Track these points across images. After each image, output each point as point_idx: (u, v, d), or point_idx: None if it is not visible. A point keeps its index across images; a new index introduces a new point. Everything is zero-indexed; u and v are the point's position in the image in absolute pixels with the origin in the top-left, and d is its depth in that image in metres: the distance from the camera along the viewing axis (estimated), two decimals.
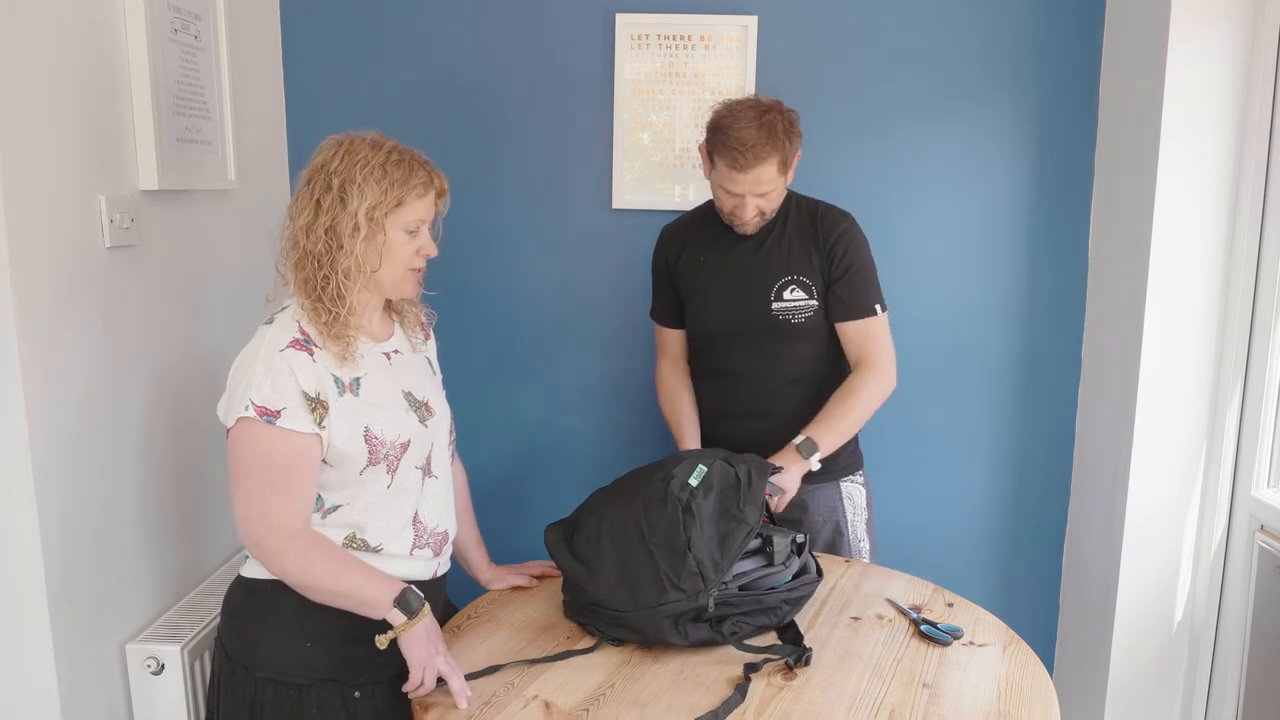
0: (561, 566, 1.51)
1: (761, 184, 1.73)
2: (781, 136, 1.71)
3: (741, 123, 1.70)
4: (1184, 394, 2.05)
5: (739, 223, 1.81)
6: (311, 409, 1.32)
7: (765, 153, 1.69)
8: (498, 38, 2.27)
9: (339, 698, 1.39)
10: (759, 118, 1.70)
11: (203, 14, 1.85)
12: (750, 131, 1.69)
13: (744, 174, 1.71)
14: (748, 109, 1.72)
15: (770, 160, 1.70)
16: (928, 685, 1.36)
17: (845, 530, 1.92)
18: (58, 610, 1.48)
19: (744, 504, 1.49)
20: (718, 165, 1.75)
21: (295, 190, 1.38)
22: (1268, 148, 1.94)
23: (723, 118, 1.73)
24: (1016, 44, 2.23)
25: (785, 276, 1.84)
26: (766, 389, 1.88)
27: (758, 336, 1.86)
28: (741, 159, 1.69)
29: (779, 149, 1.71)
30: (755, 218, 1.79)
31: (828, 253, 1.83)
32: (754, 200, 1.76)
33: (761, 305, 1.84)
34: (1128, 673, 2.15)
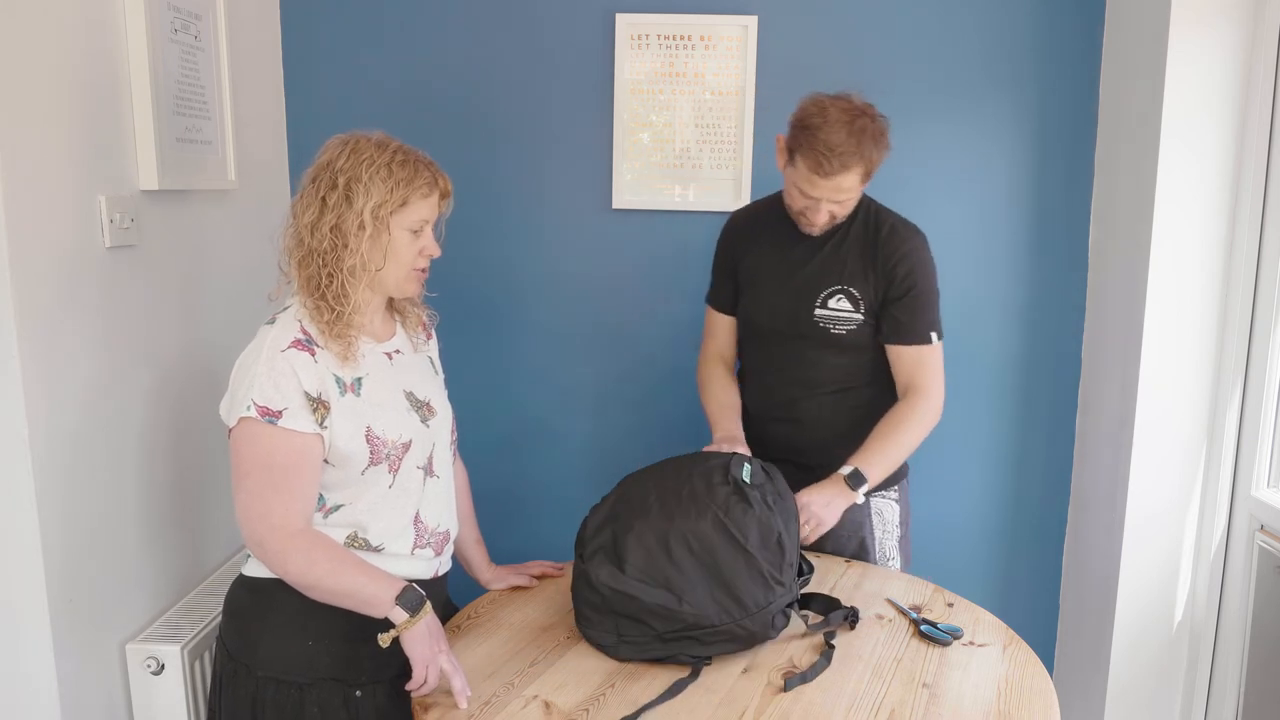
0: (643, 601, 1.37)
1: (841, 192, 1.65)
2: (870, 145, 1.62)
3: (832, 126, 1.60)
4: (1184, 394, 2.05)
5: (806, 224, 1.75)
6: (313, 409, 1.32)
7: (851, 161, 1.61)
8: (498, 38, 2.27)
9: (340, 697, 1.40)
10: (851, 122, 1.60)
11: (203, 14, 1.85)
12: (840, 136, 1.59)
13: (825, 180, 1.63)
14: (841, 111, 1.62)
15: (855, 169, 1.62)
16: (928, 685, 1.36)
17: (871, 547, 1.86)
18: (58, 610, 1.48)
19: (782, 491, 1.51)
20: (798, 164, 1.65)
21: (299, 188, 1.38)
22: (1268, 148, 1.94)
23: (812, 116, 1.63)
24: (1016, 44, 2.23)
25: (835, 285, 1.77)
26: (800, 394, 1.83)
27: (796, 340, 1.81)
28: (826, 164, 1.60)
29: (865, 158, 1.62)
30: (826, 221, 1.72)
31: (889, 271, 1.75)
32: (829, 205, 1.68)
33: (805, 310, 1.78)
34: (1128, 673, 2.15)
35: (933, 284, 1.79)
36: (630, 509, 1.45)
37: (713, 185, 2.29)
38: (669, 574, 1.38)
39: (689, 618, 1.36)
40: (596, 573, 1.40)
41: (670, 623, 1.37)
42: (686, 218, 2.32)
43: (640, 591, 1.37)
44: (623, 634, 1.40)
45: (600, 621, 1.42)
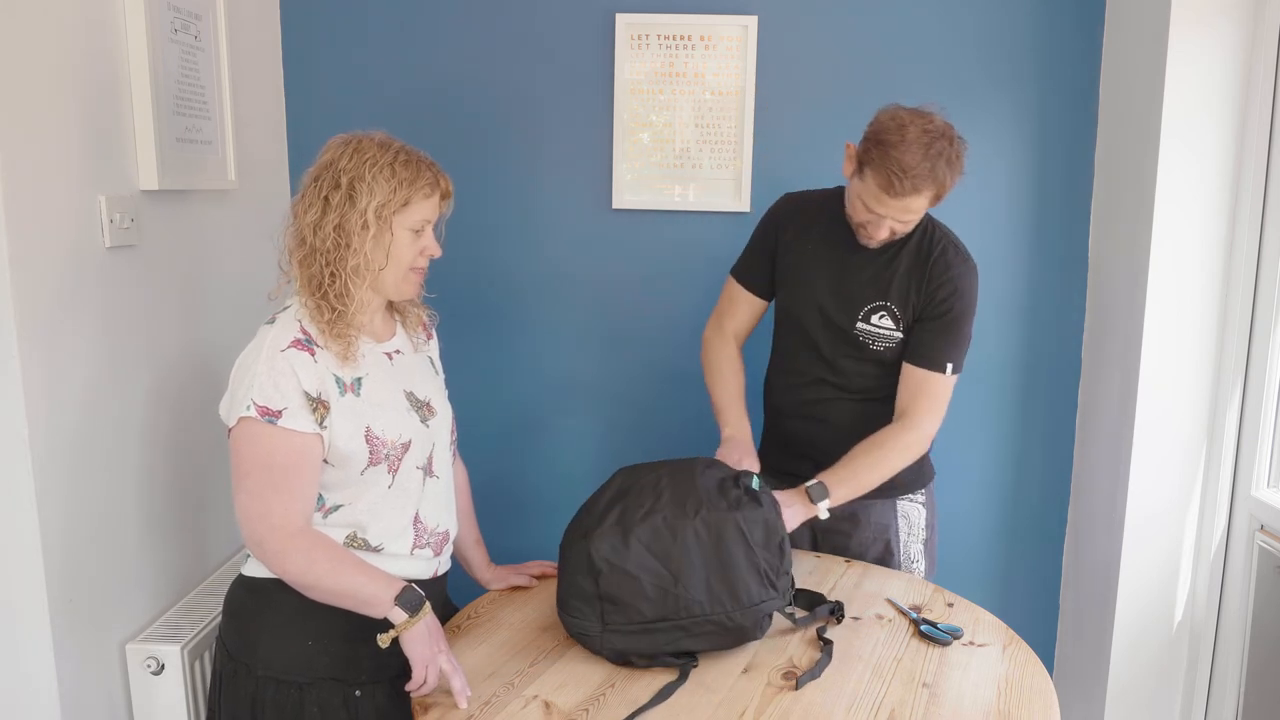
0: (639, 581, 1.37)
1: (909, 212, 1.61)
2: (944, 171, 1.56)
3: (909, 146, 1.54)
4: (1184, 394, 2.05)
5: (865, 237, 1.69)
6: (313, 409, 1.32)
7: (923, 185, 1.55)
8: (498, 38, 2.27)
9: (340, 697, 1.40)
10: (929, 145, 1.54)
11: (203, 14, 1.85)
12: (915, 158, 1.53)
13: (894, 200, 1.57)
14: (919, 131, 1.55)
15: (925, 193, 1.57)
16: (928, 685, 1.36)
17: (895, 550, 1.85)
18: (58, 610, 1.48)
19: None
20: (867, 179, 1.59)
21: (300, 187, 1.38)
22: (1268, 148, 1.94)
23: (889, 132, 1.56)
24: (1016, 44, 2.23)
25: (880, 301, 1.74)
26: (830, 396, 1.81)
27: (835, 346, 1.78)
28: (897, 185, 1.55)
29: (938, 183, 1.57)
30: (885, 237, 1.68)
31: (931, 292, 1.71)
32: (892, 223, 1.63)
33: (847, 321, 1.76)
34: (1128, 673, 2.15)
35: (968, 317, 1.74)
36: (641, 492, 1.45)
37: (713, 185, 2.29)
38: (672, 553, 1.38)
39: (681, 602, 1.36)
40: (598, 545, 1.38)
41: (660, 607, 1.36)
42: (686, 218, 2.32)
43: (638, 569, 1.37)
44: (608, 622, 1.38)
45: (585, 610, 1.39)
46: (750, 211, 2.27)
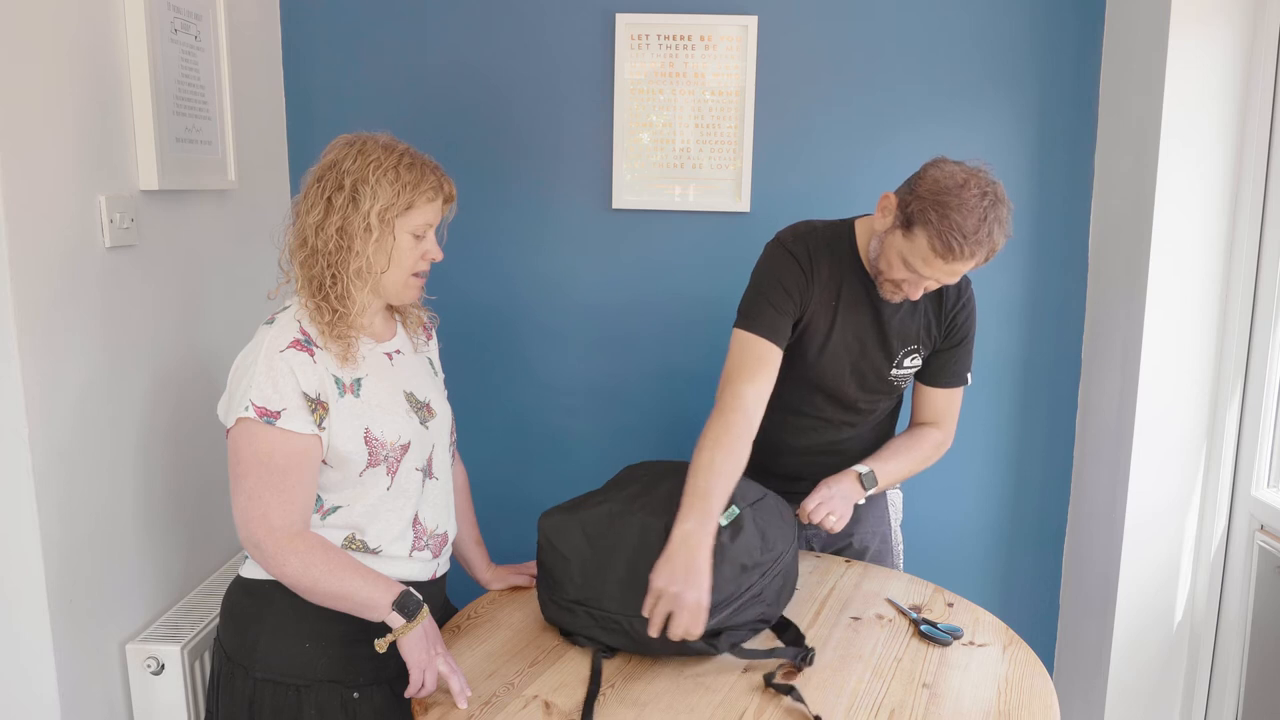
0: (561, 551, 1.43)
1: (955, 276, 1.53)
2: (1000, 235, 1.49)
3: (970, 208, 1.45)
4: (1184, 394, 2.05)
5: (893, 293, 1.60)
6: (312, 410, 1.32)
7: (979, 251, 1.47)
8: (497, 38, 2.27)
9: (338, 699, 1.39)
10: (990, 210, 1.46)
11: (203, 14, 1.85)
12: (975, 222, 1.45)
13: (946, 264, 1.48)
14: (979, 195, 1.46)
15: (979, 258, 1.49)
16: (928, 685, 1.36)
17: (889, 537, 1.90)
18: (57, 610, 1.48)
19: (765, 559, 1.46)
20: (916, 239, 1.49)
21: (303, 187, 1.37)
22: (1268, 148, 1.94)
23: (948, 192, 1.46)
24: (1016, 44, 2.23)
25: (912, 344, 1.72)
26: (845, 435, 1.80)
27: (866, 395, 1.75)
28: (957, 249, 1.45)
29: (991, 251, 1.50)
30: (918, 296, 1.59)
31: (950, 321, 1.71)
32: (929, 284, 1.56)
33: (883, 370, 1.72)
34: (1128, 673, 2.15)
35: (974, 328, 1.78)
36: (626, 483, 1.54)
37: (713, 185, 2.29)
38: (603, 543, 1.42)
39: (595, 592, 1.41)
40: (546, 521, 1.48)
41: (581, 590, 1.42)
42: (686, 218, 2.32)
43: (570, 551, 1.44)
44: (546, 590, 1.49)
45: (539, 576, 1.51)
46: (750, 211, 2.27)
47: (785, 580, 1.52)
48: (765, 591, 1.45)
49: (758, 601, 1.44)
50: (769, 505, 1.56)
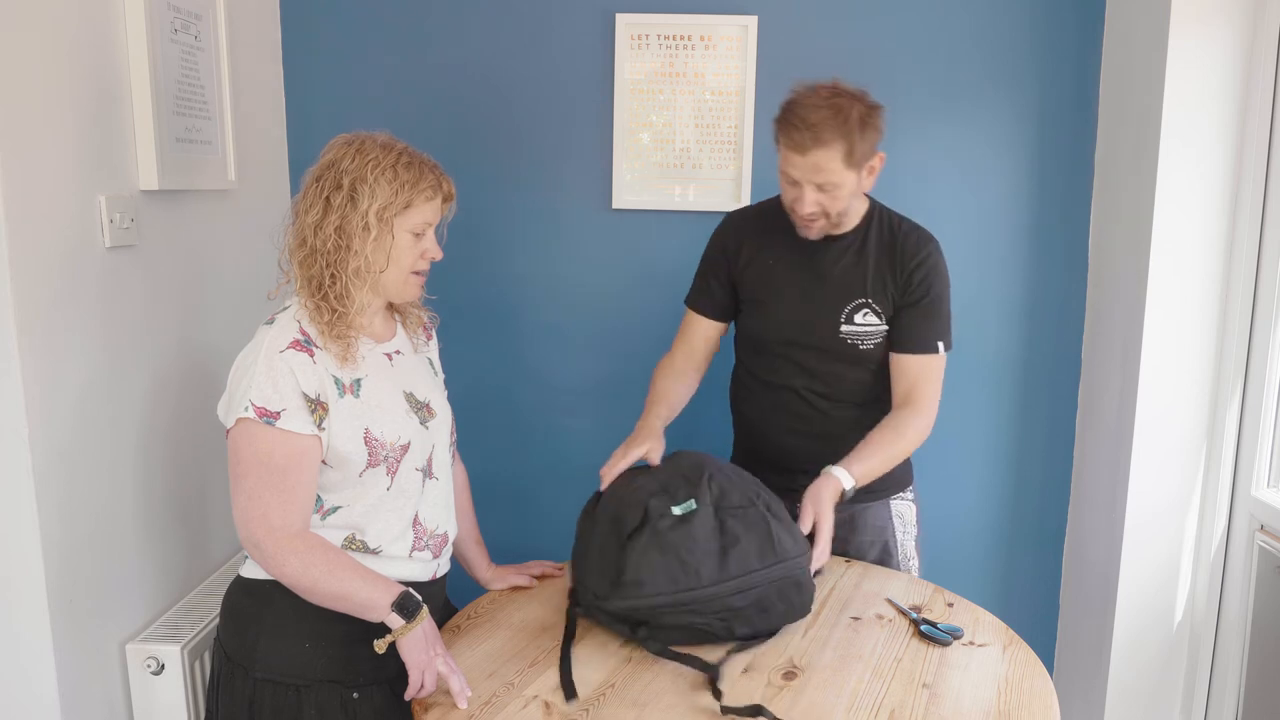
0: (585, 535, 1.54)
1: (821, 172, 1.56)
2: (853, 123, 1.54)
3: (810, 100, 1.55)
4: (1184, 394, 2.05)
5: (799, 220, 1.66)
6: (311, 410, 1.32)
7: (827, 136, 1.53)
8: (498, 38, 2.27)
9: (338, 699, 1.39)
10: (830, 98, 1.54)
11: (203, 14, 1.85)
12: (818, 112, 1.53)
13: (801, 157, 1.55)
14: (821, 89, 1.57)
15: (833, 146, 1.54)
16: (928, 685, 1.36)
17: (894, 550, 1.84)
18: (58, 610, 1.48)
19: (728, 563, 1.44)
20: (780, 147, 1.60)
21: (302, 187, 1.37)
22: (1268, 148, 1.94)
23: (794, 94, 1.58)
24: (1016, 44, 2.23)
25: (860, 299, 1.71)
26: (826, 408, 1.78)
27: (821, 356, 1.75)
28: (799, 138, 1.54)
29: (846, 136, 1.54)
30: (816, 217, 1.63)
31: (905, 277, 1.70)
32: (813, 194, 1.59)
33: (831, 326, 1.72)
34: (1128, 673, 2.15)
35: (946, 293, 1.74)
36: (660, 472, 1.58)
37: (713, 185, 2.29)
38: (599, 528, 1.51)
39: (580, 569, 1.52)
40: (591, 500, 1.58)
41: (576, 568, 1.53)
42: (686, 218, 2.32)
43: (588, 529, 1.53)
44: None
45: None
46: None
47: (761, 607, 1.44)
48: (722, 605, 1.41)
49: (709, 612, 1.41)
50: (759, 522, 1.46)
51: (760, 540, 1.45)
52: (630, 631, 1.42)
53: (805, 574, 1.47)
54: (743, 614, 1.43)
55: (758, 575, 1.42)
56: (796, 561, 1.45)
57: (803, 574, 1.46)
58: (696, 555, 1.41)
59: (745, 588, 1.41)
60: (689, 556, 1.41)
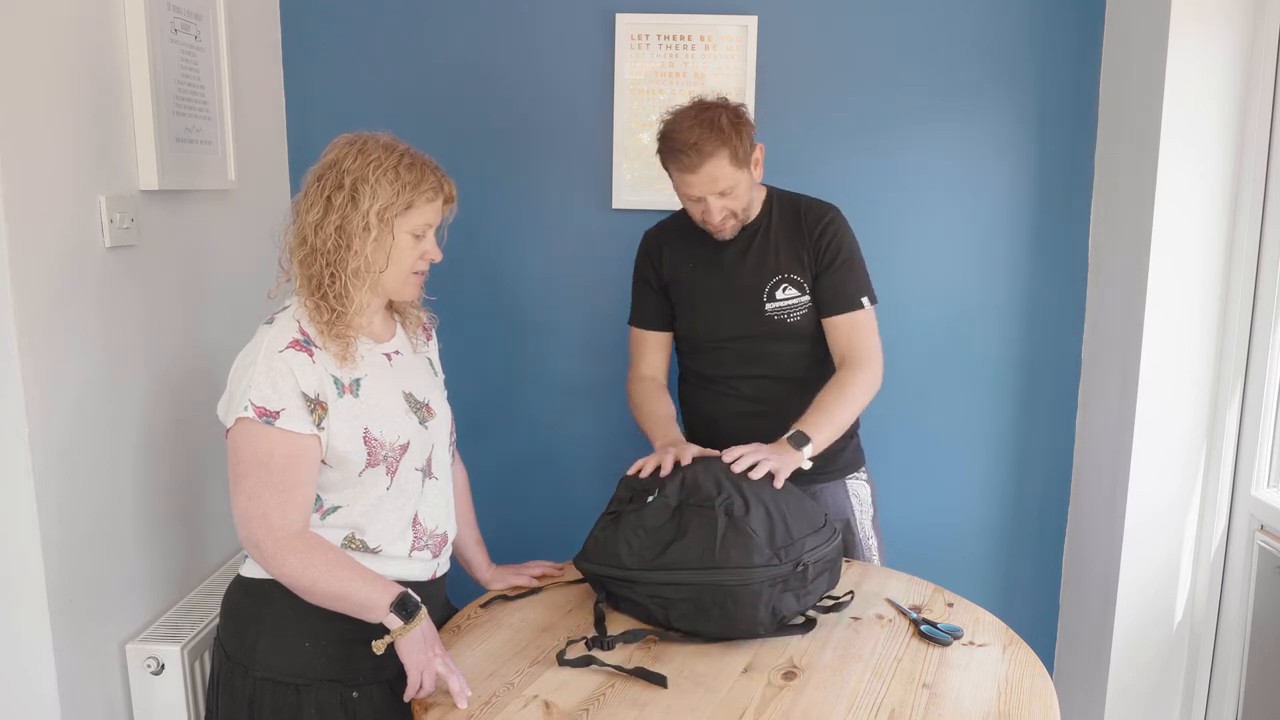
0: None
1: (717, 181, 1.67)
2: (727, 129, 1.64)
3: (681, 123, 1.66)
4: (1184, 394, 2.05)
5: (713, 229, 1.76)
6: (311, 410, 1.32)
7: (710, 148, 1.64)
8: (497, 38, 2.27)
9: (337, 698, 1.39)
10: (698, 115, 1.66)
11: (203, 14, 1.85)
12: (692, 131, 1.64)
13: (695, 175, 1.66)
14: (688, 110, 1.69)
15: (719, 155, 1.64)
16: (928, 685, 1.36)
17: (855, 529, 1.90)
18: (58, 610, 1.48)
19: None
20: (671, 174, 1.71)
21: (303, 186, 1.38)
22: (1268, 148, 1.94)
23: (665, 124, 1.70)
24: (1016, 44, 2.23)
25: (776, 276, 1.80)
26: (762, 389, 1.84)
27: (753, 339, 1.82)
28: (687, 159, 1.65)
29: (726, 142, 1.64)
30: (727, 220, 1.74)
31: (814, 245, 1.79)
32: (718, 202, 1.70)
33: (755, 308, 1.80)
34: (1128, 673, 2.15)
35: (856, 250, 1.82)
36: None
37: None
38: None
39: None
40: None
41: None
42: None
43: None
44: None
45: None
46: None
47: (699, 607, 1.44)
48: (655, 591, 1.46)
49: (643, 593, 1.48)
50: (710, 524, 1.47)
51: (705, 542, 1.46)
52: (598, 591, 1.57)
53: (749, 592, 1.43)
54: (678, 607, 1.46)
55: (689, 574, 1.45)
56: (734, 573, 1.43)
57: (743, 590, 1.42)
58: (641, 538, 1.50)
59: (677, 581, 1.45)
60: (633, 538, 1.51)
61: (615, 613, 1.55)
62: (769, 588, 1.44)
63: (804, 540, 1.50)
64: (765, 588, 1.43)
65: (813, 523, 1.55)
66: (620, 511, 1.56)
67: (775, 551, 1.46)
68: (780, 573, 1.45)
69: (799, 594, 1.48)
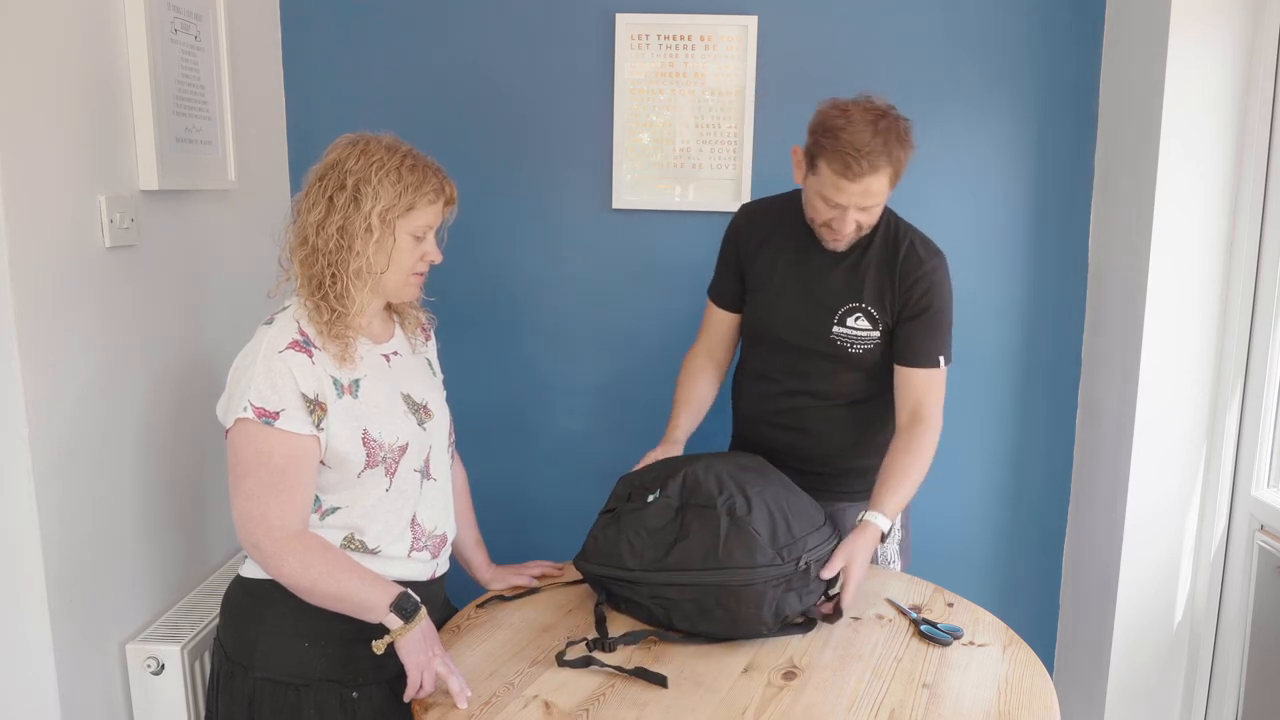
0: None
1: (870, 196, 1.58)
2: (896, 145, 1.56)
3: (857, 126, 1.54)
4: (1184, 394, 2.05)
5: (832, 237, 1.67)
6: (310, 410, 1.32)
7: (880, 162, 1.54)
8: (498, 38, 2.27)
9: (337, 698, 1.39)
10: (875, 122, 1.55)
11: (203, 14, 1.85)
12: (866, 136, 1.53)
13: (854, 184, 1.55)
14: (864, 111, 1.57)
15: (883, 171, 1.55)
16: (928, 685, 1.36)
17: (876, 552, 1.82)
18: (58, 610, 1.48)
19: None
20: (821, 171, 1.58)
21: (304, 185, 1.37)
22: (1268, 148, 1.94)
23: (834, 119, 1.57)
24: (1016, 44, 2.23)
25: (853, 303, 1.72)
26: (807, 405, 1.79)
27: (811, 356, 1.76)
28: (855, 166, 1.53)
29: (893, 160, 1.56)
30: (853, 233, 1.65)
31: (907, 290, 1.70)
32: (856, 214, 1.61)
33: (822, 326, 1.74)
34: (1128, 673, 2.15)
35: (949, 307, 1.74)
36: None
37: (713, 185, 2.29)
38: None
39: None
40: None
41: None
42: (686, 218, 2.32)
43: None
44: None
45: None
46: None
47: (701, 608, 1.45)
48: (658, 592, 1.47)
49: (645, 595, 1.49)
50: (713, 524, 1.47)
51: (708, 543, 1.45)
52: (598, 592, 1.57)
53: (753, 593, 1.43)
54: (680, 608, 1.46)
55: (693, 575, 1.44)
56: (738, 573, 1.43)
57: (747, 590, 1.43)
58: (643, 539, 1.49)
59: (680, 583, 1.45)
60: (635, 539, 1.50)
61: (615, 613, 1.55)
62: (773, 587, 1.44)
63: (805, 539, 1.50)
64: (769, 588, 1.44)
65: (813, 521, 1.55)
66: (619, 510, 1.55)
67: (778, 551, 1.46)
68: (783, 572, 1.45)
69: (801, 593, 1.48)
